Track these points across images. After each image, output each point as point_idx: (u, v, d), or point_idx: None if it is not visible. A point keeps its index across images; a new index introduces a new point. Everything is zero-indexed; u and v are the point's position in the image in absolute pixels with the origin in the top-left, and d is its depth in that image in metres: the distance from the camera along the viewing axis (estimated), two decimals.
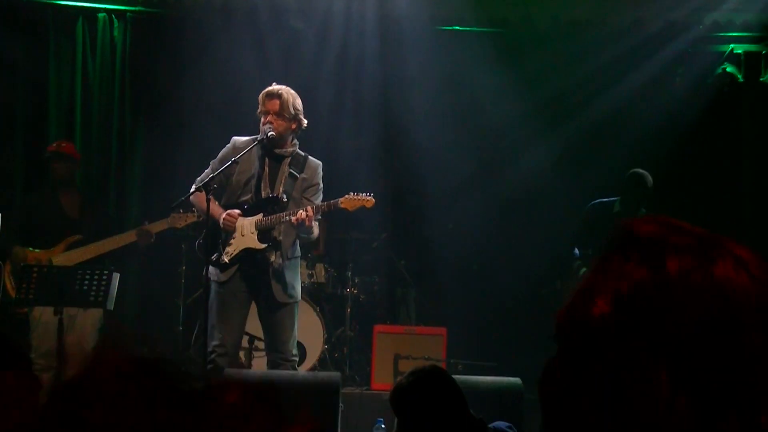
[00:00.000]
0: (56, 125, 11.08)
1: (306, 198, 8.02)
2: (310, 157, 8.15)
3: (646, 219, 1.58)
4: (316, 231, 8.05)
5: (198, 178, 8.07)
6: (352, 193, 7.94)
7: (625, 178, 10.09)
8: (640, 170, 10.05)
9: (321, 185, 8.16)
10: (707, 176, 11.53)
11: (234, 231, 7.89)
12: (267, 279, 7.92)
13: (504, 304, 11.15)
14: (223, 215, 7.85)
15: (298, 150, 8.12)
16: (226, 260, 7.86)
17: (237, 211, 7.88)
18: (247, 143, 8.03)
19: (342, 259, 10.83)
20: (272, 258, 7.95)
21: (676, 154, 11.39)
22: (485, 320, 11.09)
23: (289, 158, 8.05)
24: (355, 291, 10.68)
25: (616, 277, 1.51)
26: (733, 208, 11.42)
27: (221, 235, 7.92)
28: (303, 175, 8.06)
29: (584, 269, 10.03)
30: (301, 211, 7.73)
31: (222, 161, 7.96)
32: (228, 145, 8.13)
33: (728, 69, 11.57)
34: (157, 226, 9.43)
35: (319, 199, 8.09)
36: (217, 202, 7.93)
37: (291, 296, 8.03)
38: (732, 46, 11.58)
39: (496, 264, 11.29)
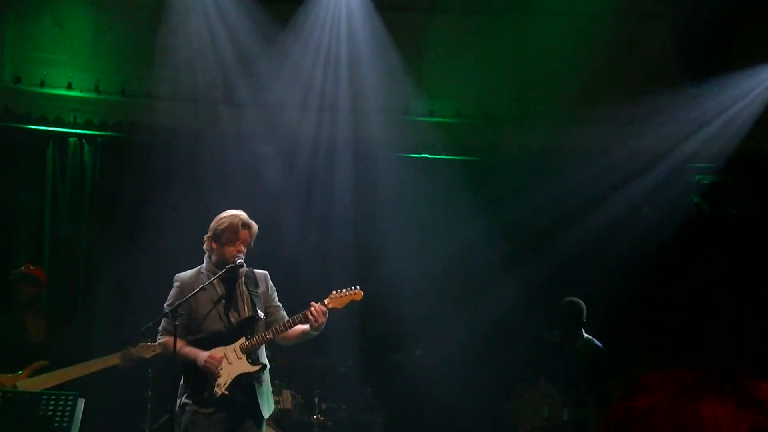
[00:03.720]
0: (24, 247, 11.04)
1: (272, 305, 7.97)
2: (254, 270, 8.10)
3: None
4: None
5: (160, 328, 7.93)
6: (336, 291, 7.86)
7: (559, 308, 10.21)
8: (573, 298, 10.20)
9: (273, 286, 8.10)
10: (676, 303, 11.60)
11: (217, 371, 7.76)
12: (253, 399, 7.79)
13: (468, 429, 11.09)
14: (204, 358, 7.72)
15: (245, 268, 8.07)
16: (224, 391, 7.70)
17: (218, 353, 7.76)
18: (195, 276, 7.94)
19: (309, 385, 10.74)
20: (259, 377, 7.85)
21: (645, 282, 11.46)
22: None
23: (242, 278, 8.00)
24: (322, 418, 10.59)
25: None
26: (703, 334, 11.49)
27: (204, 371, 7.76)
28: (260, 290, 8.01)
29: (526, 391, 10.09)
30: (313, 312, 7.64)
31: (179, 298, 7.82)
32: (175, 285, 7.95)
33: (695, 199, 11.73)
34: (132, 354, 9.31)
35: (277, 300, 8.03)
36: (187, 344, 7.79)
37: (270, 408, 7.95)
38: (698, 177, 11.74)
39: (463, 391, 11.25)
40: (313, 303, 7.75)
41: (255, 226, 7.92)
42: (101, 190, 11.37)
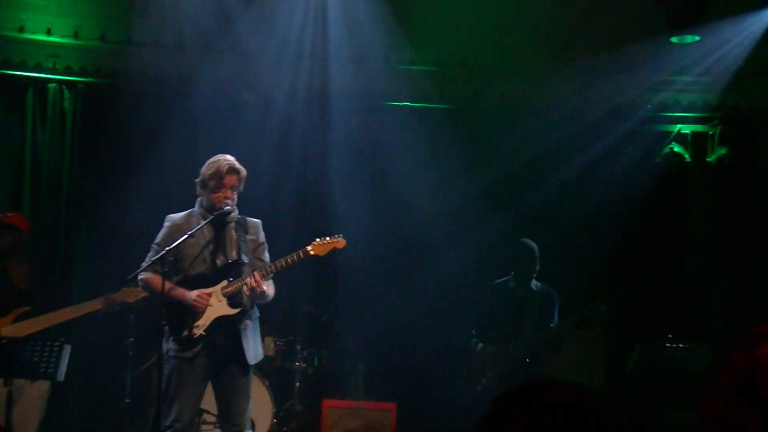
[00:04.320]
0: (4, 195, 10.99)
1: (257, 258, 7.99)
2: (247, 218, 8.13)
3: None
4: (270, 292, 7.99)
5: (144, 264, 7.93)
6: (319, 239, 7.89)
7: (514, 250, 10.25)
8: (526, 240, 10.22)
9: (265, 241, 8.13)
10: (654, 255, 11.69)
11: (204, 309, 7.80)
12: (237, 344, 7.82)
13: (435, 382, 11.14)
14: (193, 296, 7.75)
15: (237, 214, 8.09)
16: (201, 333, 7.74)
17: (206, 292, 7.80)
18: (186, 218, 7.98)
19: (290, 332, 10.77)
20: (241, 322, 7.88)
21: (624, 233, 11.53)
22: (432, 395, 11.06)
23: (233, 223, 8.02)
24: (304, 365, 10.63)
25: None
26: (678, 286, 11.59)
27: (186, 312, 7.80)
28: (249, 237, 8.03)
29: (480, 345, 10.11)
30: (248, 279, 7.70)
31: (166, 242, 7.85)
32: (166, 225, 8.01)
33: (675, 149, 11.78)
34: (113, 299, 9.34)
35: (267, 256, 8.06)
36: (173, 283, 7.82)
37: (257, 356, 7.97)
38: (679, 126, 11.78)
39: (437, 342, 11.31)
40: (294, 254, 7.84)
41: (243, 171, 7.93)
42: (82, 136, 11.29)
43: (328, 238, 7.92)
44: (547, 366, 10.40)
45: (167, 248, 7.63)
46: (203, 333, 7.74)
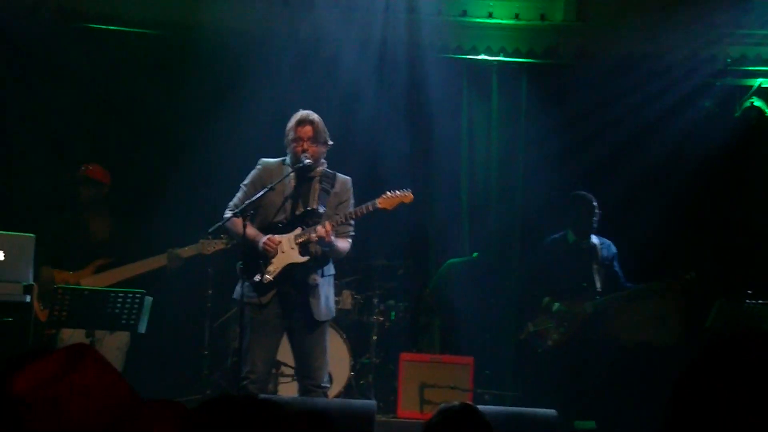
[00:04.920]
0: (87, 147, 11.06)
1: (338, 214, 8.02)
2: (338, 173, 8.18)
3: None
4: (341, 246, 8.04)
5: (231, 203, 8.08)
6: (389, 192, 7.92)
7: (570, 203, 10.18)
8: (582, 192, 10.15)
9: (353, 200, 8.16)
10: (732, 210, 11.53)
11: (275, 253, 7.87)
12: (306, 298, 7.89)
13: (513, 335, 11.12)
14: (263, 240, 7.84)
15: (326, 168, 8.14)
16: (270, 278, 7.80)
17: (277, 237, 7.87)
18: (277, 165, 8.07)
19: (368, 285, 10.80)
20: (310, 274, 7.93)
21: (701, 188, 11.39)
22: (509, 349, 11.05)
23: (319, 176, 8.08)
24: (381, 318, 10.66)
25: None
26: (757, 243, 11.43)
27: (260, 257, 7.88)
28: (335, 190, 8.08)
29: (557, 304, 10.07)
30: (319, 227, 7.75)
31: (254, 185, 7.98)
32: (257, 167, 8.15)
33: (756, 103, 11.58)
34: (187, 252, 9.44)
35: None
36: (252, 226, 7.93)
37: (328, 313, 8.03)
38: (760, 80, 11.57)
39: (515, 296, 11.29)
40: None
41: (317, 122, 7.96)
42: (164, 88, 11.29)
43: (397, 192, 7.94)
44: (625, 322, 10.37)
45: (250, 199, 7.73)
46: (272, 279, 7.81)
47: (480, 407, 4.47)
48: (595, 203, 10.17)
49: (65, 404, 1.96)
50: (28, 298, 8.47)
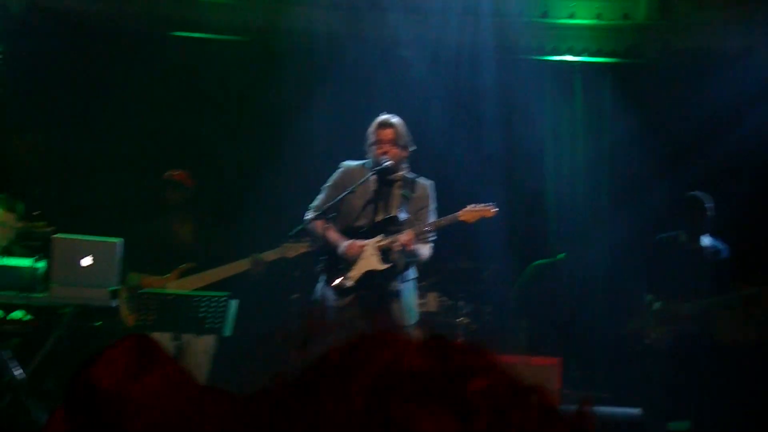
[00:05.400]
0: (172, 153, 11.19)
1: (418, 219, 8.02)
2: (419, 177, 8.18)
3: None
4: (424, 252, 8.04)
5: (312, 204, 8.14)
6: (471, 205, 7.91)
7: (684, 204, 10.05)
8: (698, 193, 10.00)
9: (433, 205, 8.17)
10: None
11: (356, 258, 7.89)
12: (386, 302, 7.90)
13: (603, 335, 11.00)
14: (345, 244, 7.86)
15: (408, 173, 8.14)
16: (350, 284, 7.84)
17: (358, 243, 7.88)
18: (358, 168, 8.10)
19: (453, 288, 10.77)
20: (390, 281, 7.93)
21: None
22: (597, 350, 10.94)
23: (400, 181, 8.08)
24: (467, 320, 10.62)
25: None
26: None
27: (341, 261, 7.91)
28: (415, 195, 8.09)
29: (658, 304, 9.96)
30: (401, 235, 7.75)
31: (336, 187, 8.02)
32: (339, 170, 8.21)
33: None
34: (270, 256, 9.46)
35: (430, 219, 8.08)
36: (334, 229, 7.96)
37: (411, 317, 8.01)
38: None
39: (600, 296, 11.17)
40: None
41: (397, 126, 7.99)
42: (247, 96, 11.42)
43: (479, 206, 7.93)
44: (721, 322, 10.24)
45: (330, 203, 7.76)
46: (353, 284, 7.83)
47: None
48: (708, 205, 10.02)
49: (136, 406, 1.96)
50: (115, 303, 8.58)
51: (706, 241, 10.10)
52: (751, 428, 9.76)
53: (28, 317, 9.07)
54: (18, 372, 8.50)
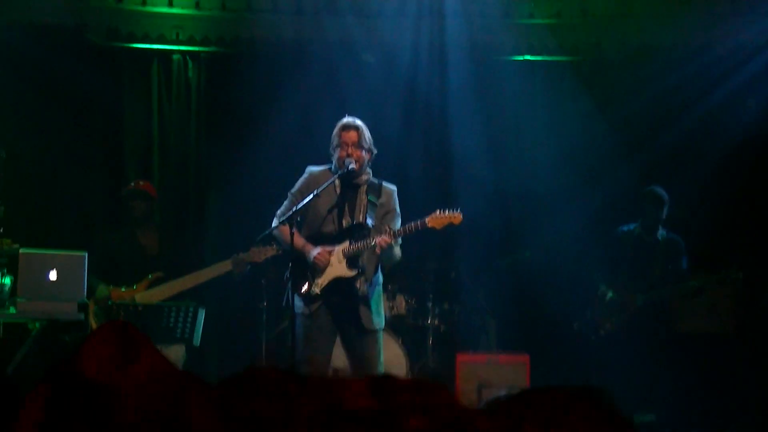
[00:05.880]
0: (134, 165, 11.22)
1: (386, 224, 8.06)
2: (384, 182, 8.22)
3: None
4: (397, 254, 8.11)
5: (279, 211, 8.14)
6: (439, 211, 7.95)
7: (642, 198, 10.22)
8: (656, 188, 10.17)
9: (398, 210, 8.21)
10: None
11: (325, 266, 7.92)
12: (354, 307, 7.93)
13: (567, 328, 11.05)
14: (314, 252, 7.89)
15: (372, 177, 8.18)
16: (317, 291, 7.88)
17: (327, 250, 7.92)
18: (323, 173, 8.11)
19: (421, 289, 10.81)
20: (358, 285, 7.97)
21: (750, 178, 11.26)
22: (563, 343, 10.99)
23: (365, 186, 8.12)
24: (436, 321, 10.66)
25: None
26: None
27: (309, 267, 7.95)
28: (381, 201, 8.12)
29: (610, 293, 10.09)
30: (381, 237, 7.78)
31: (302, 193, 8.02)
32: (304, 176, 8.21)
33: None
34: (249, 257, 9.47)
35: (397, 224, 8.12)
36: (300, 235, 7.99)
37: (378, 323, 8.05)
38: None
39: (562, 287, 11.22)
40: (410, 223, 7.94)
41: (361, 128, 8.04)
42: (207, 105, 11.45)
43: (447, 212, 7.97)
44: (677, 313, 10.35)
45: (296, 207, 7.78)
46: (318, 292, 7.88)
47: None
48: (665, 199, 10.18)
49: (123, 396, 1.97)
50: (83, 316, 8.57)
51: (661, 233, 10.22)
52: (718, 417, 9.85)
53: None
54: None
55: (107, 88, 11.21)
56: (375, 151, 8.16)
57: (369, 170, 8.17)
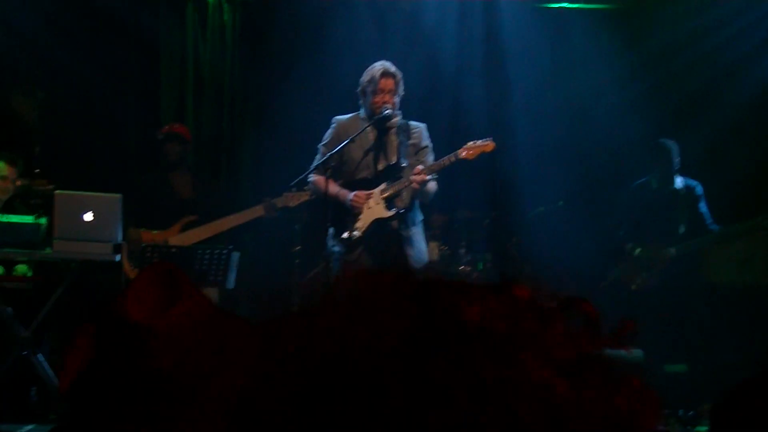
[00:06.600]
0: (169, 108, 11.21)
1: (419, 161, 8.07)
2: (411, 122, 8.21)
3: None
4: (433, 188, 8.12)
5: (312, 165, 8.15)
6: (470, 143, 7.95)
7: (652, 151, 10.12)
8: (665, 140, 10.06)
9: (431, 145, 8.23)
10: None
11: (362, 209, 7.94)
12: (399, 249, 7.93)
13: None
14: (350, 196, 7.91)
15: (400, 119, 8.18)
16: (359, 234, 7.89)
17: (364, 192, 7.93)
18: (353, 120, 8.14)
19: (454, 237, 10.81)
20: (400, 227, 7.97)
21: None
22: (596, 296, 10.95)
23: (395, 128, 8.12)
24: (468, 269, 10.66)
25: None
26: None
27: (347, 213, 7.96)
28: (412, 141, 8.12)
29: (638, 249, 10.01)
30: (416, 175, 7.79)
31: (332, 144, 8.03)
32: (332, 126, 8.24)
33: None
34: (281, 201, 9.48)
35: (431, 159, 8.13)
36: (335, 183, 7.99)
37: (422, 261, 8.06)
38: None
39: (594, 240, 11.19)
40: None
41: (399, 74, 8.07)
42: (241, 48, 11.42)
43: (478, 142, 7.97)
44: (710, 263, 10.28)
45: (330, 152, 7.79)
46: (361, 235, 7.88)
47: None
48: (673, 150, 10.07)
49: (165, 340, 1.99)
50: (118, 258, 8.61)
51: (678, 182, 10.13)
52: (749, 369, 9.81)
53: (31, 273, 9.12)
54: (22, 328, 8.53)
55: (144, 30, 11.21)
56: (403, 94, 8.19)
57: (399, 112, 8.17)
